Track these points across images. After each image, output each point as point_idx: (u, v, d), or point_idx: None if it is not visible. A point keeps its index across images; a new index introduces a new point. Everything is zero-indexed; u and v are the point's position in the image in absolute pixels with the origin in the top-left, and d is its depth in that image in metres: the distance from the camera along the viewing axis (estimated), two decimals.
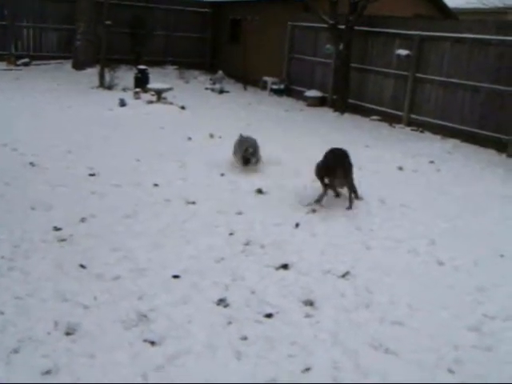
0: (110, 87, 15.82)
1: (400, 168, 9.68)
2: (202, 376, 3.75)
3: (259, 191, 7.50)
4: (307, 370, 3.90)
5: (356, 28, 14.80)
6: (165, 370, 3.79)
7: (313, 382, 3.79)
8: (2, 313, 4.32)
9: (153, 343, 4.08)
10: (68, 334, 4.14)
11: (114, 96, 14.19)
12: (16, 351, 3.89)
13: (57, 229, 5.87)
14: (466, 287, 5.35)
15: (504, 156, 11.28)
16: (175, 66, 21.51)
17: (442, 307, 4.94)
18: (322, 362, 4.00)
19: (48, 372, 3.71)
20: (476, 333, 4.60)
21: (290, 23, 18.02)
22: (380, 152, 10.85)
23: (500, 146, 11.54)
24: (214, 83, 18.81)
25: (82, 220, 6.17)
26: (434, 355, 4.23)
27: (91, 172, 7.84)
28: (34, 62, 19.77)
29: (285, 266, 5.42)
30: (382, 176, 9.14)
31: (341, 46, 14.99)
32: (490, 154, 11.45)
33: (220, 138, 10.74)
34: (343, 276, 5.33)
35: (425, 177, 9.33)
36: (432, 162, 10.29)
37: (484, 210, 7.71)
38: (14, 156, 8.50)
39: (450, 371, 4.07)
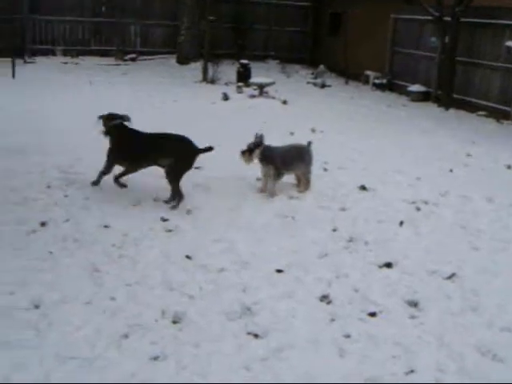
0: (212, 81, 16.15)
1: (508, 167, 9.29)
2: (305, 370, 3.77)
3: (363, 188, 7.41)
4: (411, 371, 3.84)
5: (462, 20, 14.30)
6: (268, 363, 3.84)
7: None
8: (114, 298, 4.52)
9: (256, 336, 4.15)
10: (175, 322, 4.28)
11: (216, 90, 14.48)
12: (126, 336, 4.06)
13: (164, 219, 6.06)
14: None
15: None
16: (277, 61, 21.63)
17: None
18: (426, 364, 3.93)
19: (156, 358, 3.85)
20: None
21: (392, 16, 17.69)
22: (487, 149, 10.46)
23: None
24: (315, 77, 18.78)
25: (188, 212, 6.33)
26: None
27: (196, 165, 8.00)
28: (140, 57, 20.48)
29: (388, 265, 5.34)
30: (488, 174, 8.82)
31: (446, 39, 14.56)
32: None
33: (322, 132, 10.71)
34: (449, 277, 5.18)
35: None
36: None
37: None
38: None
39: None
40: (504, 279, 5.23)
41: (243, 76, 15.68)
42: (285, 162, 6.87)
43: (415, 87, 16.26)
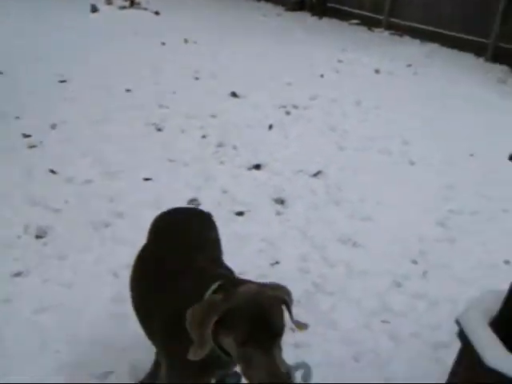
0: None
1: (376, 71, 9.58)
2: None
3: (234, 94, 7.40)
4: (276, 263, 4.00)
5: None
6: None
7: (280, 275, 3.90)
8: None
9: (124, 243, 4.13)
10: (38, 237, 4.16)
11: (84, 1, 13.71)
12: None
13: (26, 136, 5.79)
14: (436, 185, 5.45)
15: (482, 60, 11.15)
16: None
17: (411, 204, 5.04)
18: (290, 255, 4.11)
19: (18, 274, 3.75)
20: (441, 227, 4.73)
21: None
22: (357, 55, 10.67)
23: (480, 50, 11.38)
24: None
25: (53, 126, 6.08)
26: (400, 247, 4.35)
27: (62, 79, 7.66)
28: None
29: (257, 167, 5.44)
30: (358, 79, 9.06)
31: None
32: (468, 58, 11.33)
33: (195, 43, 10.49)
34: (315, 175, 5.38)
35: (401, 80, 9.26)
36: (409, 65, 10.17)
37: (459, 113, 7.69)
38: None
39: (414, 262, 4.21)
40: (365, 175, 5.50)
41: None
42: None
43: None
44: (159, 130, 6.19)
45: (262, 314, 1.87)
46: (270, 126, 6.43)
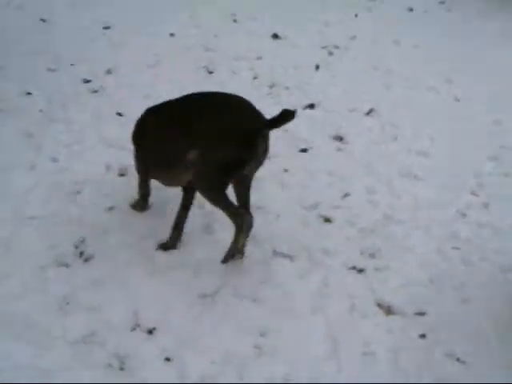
0: None
1: (410, 9, 9.59)
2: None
3: (275, 36, 7.52)
4: (346, 195, 4.29)
5: None
6: None
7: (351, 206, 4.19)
8: (56, 159, 4.61)
9: None
10: (121, 175, 4.49)
11: None
12: (79, 192, 4.24)
13: (86, 81, 6.01)
14: (483, 121, 5.65)
15: None
16: None
17: (462, 140, 5.27)
18: (358, 188, 4.41)
19: (111, 208, 4.09)
20: (494, 162, 4.96)
21: None
22: None
23: None
24: None
25: (108, 71, 6.28)
26: (458, 180, 4.61)
27: (105, 25, 7.77)
28: None
29: (311, 106, 5.67)
30: (391, 17, 9.09)
31: None
32: None
33: None
34: (368, 113, 5.60)
35: (435, 17, 9.29)
36: (442, 2, 10.17)
37: (497, 48, 7.76)
38: (21, 15, 8.32)
39: (474, 194, 4.47)
40: (415, 112, 5.71)
41: None
42: None
43: None
44: (210, 72, 6.39)
45: None
46: (317, 67, 6.61)
